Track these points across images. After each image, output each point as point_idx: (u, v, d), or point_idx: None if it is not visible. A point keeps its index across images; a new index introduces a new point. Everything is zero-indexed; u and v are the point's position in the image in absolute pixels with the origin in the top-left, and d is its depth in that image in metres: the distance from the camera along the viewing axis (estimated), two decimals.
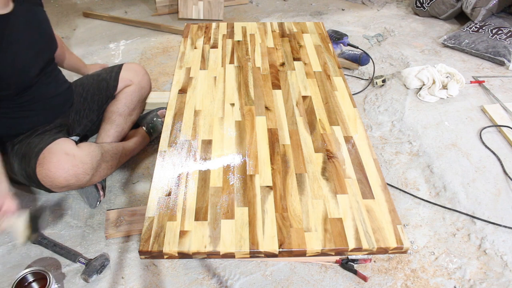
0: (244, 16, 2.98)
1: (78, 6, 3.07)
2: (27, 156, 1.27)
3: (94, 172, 1.32)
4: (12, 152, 1.31)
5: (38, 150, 1.25)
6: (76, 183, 1.28)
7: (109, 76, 1.57)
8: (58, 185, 1.25)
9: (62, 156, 1.24)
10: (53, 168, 1.23)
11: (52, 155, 1.24)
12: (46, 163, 1.23)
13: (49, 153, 1.24)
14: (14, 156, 1.30)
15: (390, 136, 1.85)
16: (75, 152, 1.28)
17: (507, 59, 2.29)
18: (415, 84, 2.12)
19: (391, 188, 1.58)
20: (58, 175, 1.23)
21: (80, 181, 1.28)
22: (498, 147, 1.76)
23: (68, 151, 1.26)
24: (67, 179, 1.25)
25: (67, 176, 1.25)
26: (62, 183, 1.25)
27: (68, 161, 1.24)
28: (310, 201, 1.04)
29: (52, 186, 1.26)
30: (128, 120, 1.61)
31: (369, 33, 2.72)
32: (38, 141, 1.29)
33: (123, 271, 1.29)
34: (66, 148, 1.27)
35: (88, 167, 1.29)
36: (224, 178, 1.11)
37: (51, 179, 1.24)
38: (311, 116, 1.33)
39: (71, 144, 1.30)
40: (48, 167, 1.23)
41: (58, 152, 1.25)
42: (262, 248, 0.93)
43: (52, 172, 1.23)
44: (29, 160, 1.25)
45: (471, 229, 1.43)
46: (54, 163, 1.23)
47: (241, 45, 1.70)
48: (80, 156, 1.28)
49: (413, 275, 1.28)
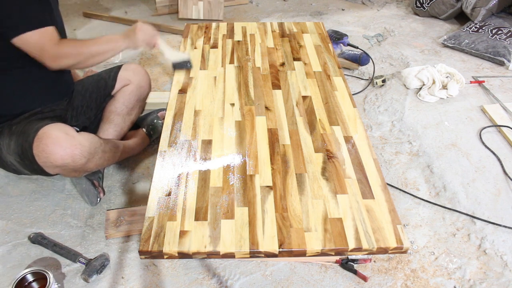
0: (244, 16, 2.98)
1: (78, 6, 3.07)
2: (26, 132, 1.27)
3: (90, 157, 1.31)
4: (10, 132, 1.31)
5: (38, 127, 1.25)
6: (71, 164, 1.27)
7: (108, 75, 1.58)
8: (53, 162, 1.24)
9: (62, 134, 1.24)
10: (51, 143, 1.22)
11: (52, 131, 1.24)
12: (45, 138, 1.23)
13: (49, 129, 1.24)
14: (12, 135, 1.30)
15: (390, 136, 1.85)
16: (75, 134, 1.28)
17: (507, 59, 2.29)
18: (415, 84, 2.12)
19: (391, 188, 1.58)
20: (55, 152, 1.22)
21: (75, 162, 1.27)
22: (498, 147, 1.76)
23: (68, 132, 1.27)
24: (63, 158, 1.24)
25: (64, 155, 1.23)
26: (57, 161, 1.24)
27: (67, 139, 1.24)
28: (310, 201, 1.04)
29: (46, 163, 1.24)
30: (127, 119, 1.61)
31: (369, 33, 2.72)
32: (38, 122, 1.30)
33: (123, 271, 1.29)
34: (67, 129, 1.28)
35: (85, 149, 1.29)
36: (224, 178, 1.11)
37: (47, 154, 1.22)
38: (311, 116, 1.33)
39: (71, 128, 1.31)
40: (46, 142, 1.22)
41: (59, 130, 1.25)
42: (262, 248, 0.94)
43: (49, 148, 1.22)
44: (28, 135, 1.25)
45: (471, 229, 1.43)
46: (53, 138, 1.23)
47: (241, 45, 1.71)
48: (79, 138, 1.28)
49: (413, 275, 1.28)
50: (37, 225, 1.43)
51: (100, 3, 3.12)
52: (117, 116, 1.57)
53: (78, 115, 1.53)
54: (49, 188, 1.56)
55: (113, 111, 1.57)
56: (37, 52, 1.22)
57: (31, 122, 1.30)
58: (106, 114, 1.57)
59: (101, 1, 3.16)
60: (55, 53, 1.23)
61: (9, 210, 1.48)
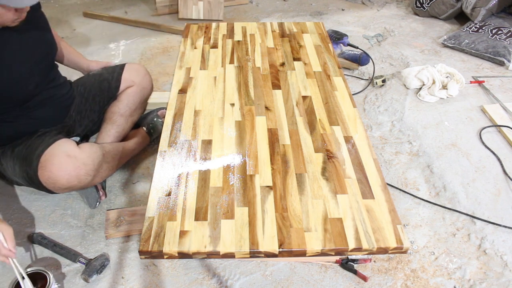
0: (244, 16, 2.98)
1: (78, 6, 3.06)
2: (28, 158, 1.26)
3: (95, 173, 1.32)
4: (13, 155, 1.31)
5: (39, 152, 1.25)
6: (78, 185, 1.28)
7: (111, 77, 1.56)
8: (60, 187, 1.26)
9: (64, 158, 1.24)
10: (55, 170, 1.23)
11: (54, 157, 1.24)
12: (48, 165, 1.23)
13: (51, 155, 1.24)
14: (15, 159, 1.30)
15: (390, 136, 1.85)
16: (77, 154, 1.28)
17: (506, 59, 2.29)
18: (415, 84, 2.12)
19: (391, 188, 1.58)
20: (61, 177, 1.23)
21: (82, 182, 1.28)
22: (498, 147, 1.76)
23: (69, 153, 1.26)
24: (69, 181, 1.25)
25: (69, 178, 1.25)
26: (64, 185, 1.25)
27: (70, 163, 1.24)
28: (310, 201, 1.04)
29: (54, 188, 1.26)
30: (129, 120, 1.61)
31: (369, 33, 2.72)
32: (39, 143, 1.29)
33: (123, 271, 1.29)
34: (68, 149, 1.27)
35: (90, 168, 1.29)
36: (224, 178, 1.11)
37: (53, 181, 1.24)
38: (311, 116, 1.33)
39: (72, 145, 1.30)
40: (50, 169, 1.22)
41: (60, 154, 1.24)
42: (262, 248, 0.93)
43: (54, 175, 1.23)
44: (31, 163, 1.25)
45: (471, 229, 1.43)
46: (56, 165, 1.23)
47: (241, 45, 1.70)
48: (81, 158, 1.28)
49: (413, 275, 1.28)
50: (37, 225, 1.43)
51: (100, 3, 3.12)
52: (120, 117, 1.57)
53: (82, 119, 1.53)
54: None
55: (116, 112, 1.56)
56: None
57: (33, 145, 1.29)
58: (108, 115, 1.57)
59: (101, 1, 3.16)
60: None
61: (9, 210, 1.48)
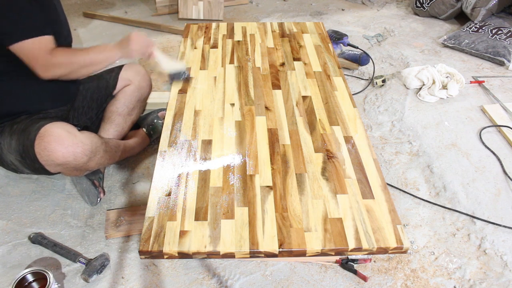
0: (244, 16, 2.98)
1: (78, 6, 3.07)
2: (27, 130, 1.27)
3: (92, 155, 1.32)
4: (11, 131, 1.31)
5: (40, 125, 1.25)
6: (72, 162, 1.27)
7: (109, 76, 1.58)
8: (54, 160, 1.24)
9: (64, 132, 1.24)
10: (53, 141, 1.22)
11: (54, 129, 1.24)
12: (47, 135, 1.22)
13: (51, 127, 1.24)
14: (13, 134, 1.30)
15: (390, 136, 1.85)
16: (77, 133, 1.29)
17: (506, 59, 2.29)
18: (415, 84, 2.12)
19: (391, 188, 1.58)
20: (57, 150, 1.22)
21: (77, 160, 1.27)
22: (498, 147, 1.76)
23: (70, 130, 1.27)
24: (65, 156, 1.24)
25: (66, 153, 1.24)
26: (59, 159, 1.24)
27: (69, 137, 1.25)
28: (310, 201, 1.04)
29: (47, 161, 1.24)
30: (127, 119, 1.61)
31: (369, 33, 2.72)
32: (39, 119, 1.30)
33: (123, 271, 1.29)
34: (69, 127, 1.28)
35: (87, 148, 1.29)
36: (224, 178, 1.11)
37: (49, 152, 1.22)
38: (311, 116, 1.33)
39: (73, 127, 1.31)
40: (48, 139, 1.22)
41: (61, 128, 1.25)
42: (262, 248, 0.94)
43: (51, 146, 1.22)
44: (29, 133, 1.25)
45: (471, 229, 1.43)
46: (55, 136, 1.23)
47: (241, 45, 1.70)
48: (81, 137, 1.29)
49: (413, 275, 1.28)
50: (37, 225, 1.43)
51: (100, 3, 3.12)
52: (118, 116, 1.57)
53: (79, 116, 1.53)
54: (49, 188, 1.56)
55: (114, 111, 1.57)
56: (29, 61, 1.21)
57: (33, 121, 1.30)
58: (107, 114, 1.58)
59: (101, 1, 3.16)
60: (46, 62, 1.22)
61: (9, 210, 1.48)
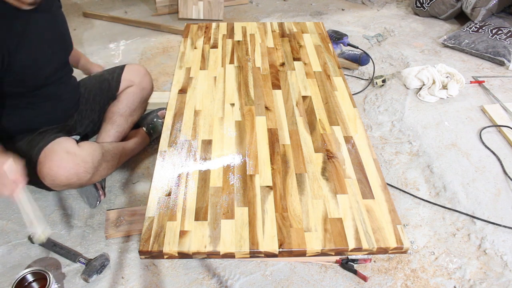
0: (244, 16, 2.98)
1: (78, 6, 3.06)
2: (28, 154, 1.27)
3: (95, 171, 1.32)
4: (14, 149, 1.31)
5: (39, 149, 1.25)
6: (77, 182, 1.28)
7: (111, 77, 1.57)
8: (59, 183, 1.25)
9: (64, 155, 1.24)
10: (54, 166, 1.23)
11: (53, 153, 1.24)
12: (48, 161, 1.23)
13: (50, 151, 1.24)
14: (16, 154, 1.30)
15: (390, 136, 1.85)
16: (76, 151, 1.28)
17: (507, 59, 2.29)
18: (415, 84, 2.12)
19: (391, 188, 1.58)
20: (60, 174, 1.23)
21: (81, 179, 1.28)
22: (498, 147, 1.76)
23: (69, 150, 1.26)
24: (68, 178, 1.25)
25: (69, 175, 1.25)
26: (63, 182, 1.25)
27: (69, 159, 1.24)
28: (310, 201, 1.04)
29: (53, 184, 1.26)
30: (129, 120, 1.61)
31: (369, 33, 2.72)
32: (39, 140, 1.29)
33: (123, 271, 1.29)
34: (67, 146, 1.27)
35: (89, 166, 1.29)
36: (224, 178, 1.11)
37: (53, 177, 1.23)
38: (311, 116, 1.33)
39: (72, 143, 1.30)
40: (50, 165, 1.22)
41: (60, 151, 1.25)
42: (262, 248, 0.94)
43: (53, 171, 1.23)
44: (30, 159, 1.25)
45: (471, 229, 1.43)
46: (56, 161, 1.23)
47: (241, 45, 1.70)
48: (81, 155, 1.28)
49: (413, 275, 1.28)
50: None
51: (100, 3, 3.12)
52: (120, 117, 1.57)
53: (82, 119, 1.53)
54: None
55: (115, 112, 1.57)
56: None
57: (33, 140, 1.30)
58: (108, 115, 1.57)
59: (101, 1, 3.16)
60: None
61: (9, 210, 1.48)
